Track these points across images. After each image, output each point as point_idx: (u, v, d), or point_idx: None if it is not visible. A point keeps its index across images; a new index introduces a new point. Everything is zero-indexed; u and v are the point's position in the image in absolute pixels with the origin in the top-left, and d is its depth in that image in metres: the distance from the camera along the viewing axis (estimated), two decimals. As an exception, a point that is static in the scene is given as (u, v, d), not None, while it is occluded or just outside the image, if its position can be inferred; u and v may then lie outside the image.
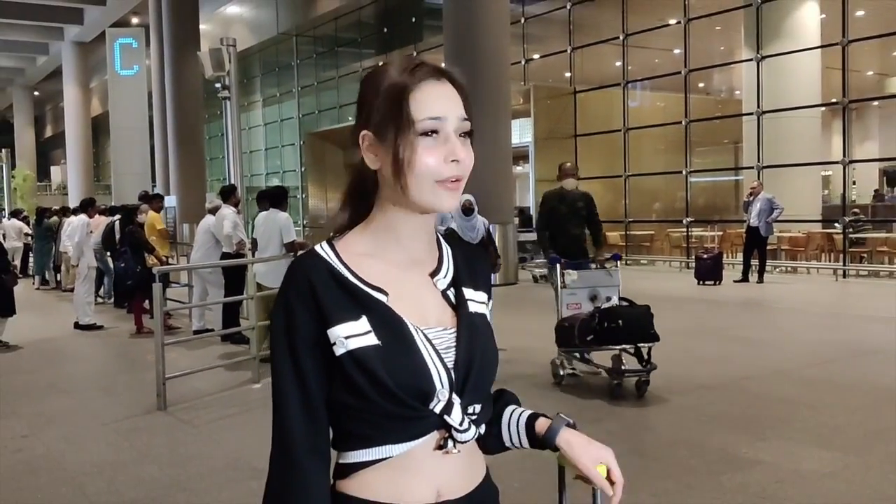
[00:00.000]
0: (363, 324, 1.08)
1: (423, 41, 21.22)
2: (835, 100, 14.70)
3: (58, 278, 14.75)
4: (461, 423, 1.10)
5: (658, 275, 14.20)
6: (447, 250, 1.22)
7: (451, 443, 1.11)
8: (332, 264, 1.12)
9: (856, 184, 21.81)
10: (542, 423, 1.22)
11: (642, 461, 4.17)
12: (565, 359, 5.92)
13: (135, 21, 28.56)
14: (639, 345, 5.40)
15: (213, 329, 8.38)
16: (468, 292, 1.19)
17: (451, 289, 1.19)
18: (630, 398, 5.41)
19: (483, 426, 1.17)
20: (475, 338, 1.15)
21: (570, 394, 5.69)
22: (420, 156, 1.08)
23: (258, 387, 6.11)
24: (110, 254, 10.84)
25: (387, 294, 1.12)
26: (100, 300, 11.74)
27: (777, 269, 14.07)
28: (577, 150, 17.24)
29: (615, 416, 5.14)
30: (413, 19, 22.16)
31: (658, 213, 18.12)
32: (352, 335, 1.07)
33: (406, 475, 1.10)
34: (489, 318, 1.22)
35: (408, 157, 1.08)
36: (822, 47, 14.67)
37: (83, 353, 8.42)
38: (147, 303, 8.76)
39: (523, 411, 1.26)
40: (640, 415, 5.15)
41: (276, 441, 1.11)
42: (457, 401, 1.10)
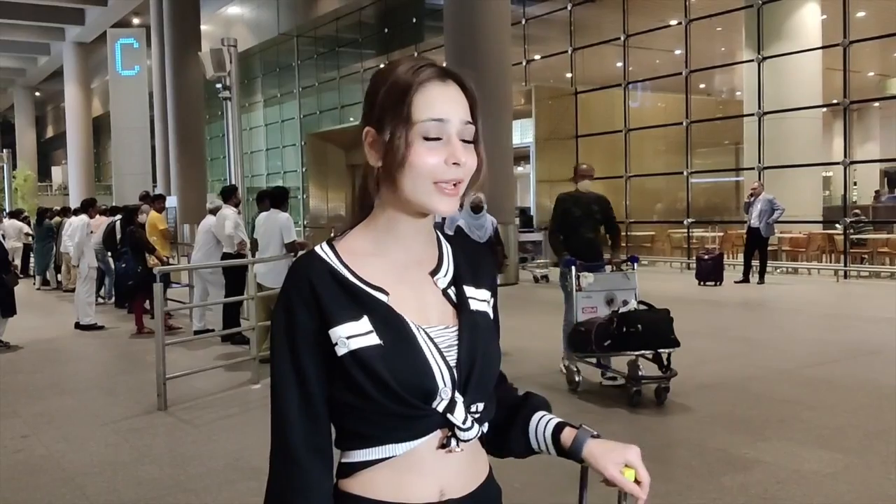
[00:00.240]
0: (364, 324, 1.08)
1: (423, 42, 21.22)
2: (836, 101, 14.69)
3: (58, 279, 14.77)
4: (464, 422, 1.10)
5: (659, 275, 14.17)
6: (447, 249, 1.22)
7: (454, 441, 1.10)
8: (333, 265, 1.12)
9: (857, 185, 21.80)
10: (567, 435, 1.20)
11: (643, 461, 4.16)
12: (578, 364, 5.77)
13: (136, 21, 28.61)
14: (659, 350, 5.25)
15: (213, 329, 8.38)
16: (469, 290, 1.18)
17: (452, 287, 1.18)
18: (630, 404, 5.28)
19: (486, 425, 1.17)
20: (477, 336, 1.15)
21: (572, 396, 5.68)
22: (421, 155, 1.07)
23: (258, 387, 6.11)
24: (111, 254, 10.85)
25: (387, 294, 1.11)
26: (100, 300, 11.73)
27: (778, 270, 14.06)
28: (578, 150, 17.25)
29: (615, 417, 5.14)
30: (414, 20, 22.15)
31: (659, 214, 18.11)
32: (353, 335, 1.07)
33: (409, 474, 1.10)
34: (493, 316, 1.22)
35: (406, 155, 1.07)
36: (823, 48, 14.67)
37: (84, 353, 8.42)
38: (148, 303, 8.77)
39: (550, 419, 1.24)
40: (640, 415, 5.14)
41: (276, 440, 1.11)
42: (459, 399, 1.10)
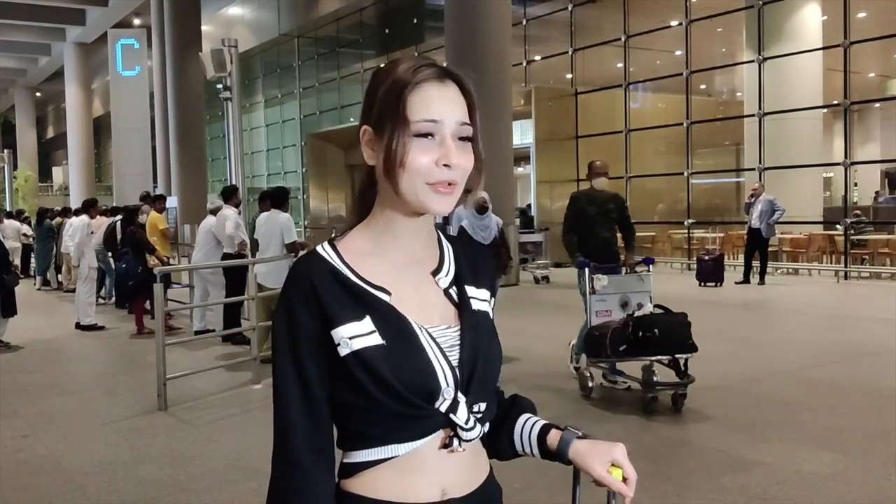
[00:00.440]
0: (367, 324, 1.08)
1: (424, 42, 21.22)
2: (836, 101, 14.68)
3: (59, 279, 14.77)
4: (467, 422, 1.10)
5: (659, 276, 14.07)
6: (448, 248, 1.22)
7: (456, 441, 1.10)
8: (334, 265, 1.12)
9: (857, 185, 21.80)
10: (553, 437, 1.21)
11: (643, 463, 4.15)
12: (592, 369, 5.61)
13: (137, 22, 28.64)
14: (676, 356, 5.09)
15: (214, 330, 8.38)
16: (470, 290, 1.18)
17: (454, 287, 1.18)
18: (630, 404, 5.30)
19: (488, 424, 1.17)
20: (479, 336, 1.15)
21: (573, 398, 5.68)
22: (413, 155, 1.07)
23: (259, 387, 6.12)
24: (112, 254, 10.85)
25: (389, 293, 1.11)
26: (101, 301, 11.74)
27: (778, 271, 14.05)
28: (578, 151, 17.25)
29: (616, 417, 5.14)
30: (415, 20, 22.15)
31: (659, 215, 18.09)
32: (356, 335, 1.07)
33: (411, 474, 1.10)
34: (491, 316, 1.22)
35: (400, 155, 1.07)
36: (823, 49, 14.67)
37: (84, 353, 8.42)
38: (148, 303, 8.77)
39: (536, 422, 1.24)
40: (640, 416, 5.13)
41: (278, 441, 1.11)
42: (462, 399, 1.10)
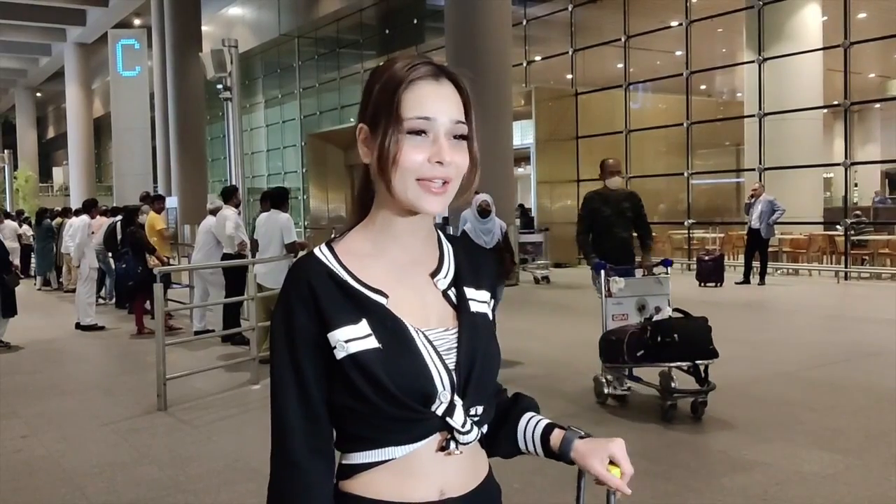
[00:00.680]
0: (363, 327, 1.08)
1: (424, 43, 21.23)
2: (836, 102, 14.68)
3: (59, 279, 14.77)
4: (463, 425, 1.10)
5: (659, 277, 14.15)
6: (448, 249, 1.22)
7: (453, 444, 1.10)
8: (331, 267, 1.12)
9: (857, 186, 21.79)
10: (556, 437, 1.21)
11: (643, 463, 4.16)
12: (609, 375, 5.39)
13: (137, 22, 28.64)
14: (696, 362, 4.89)
15: (213, 330, 8.38)
16: (470, 292, 1.18)
17: (453, 289, 1.18)
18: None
19: (485, 427, 1.16)
20: (477, 338, 1.14)
21: (573, 399, 5.68)
22: (405, 152, 1.07)
23: (258, 388, 6.11)
24: (112, 255, 10.86)
25: (386, 296, 1.11)
26: (101, 301, 11.74)
27: (778, 272, 14.05)
28: (578, 151, 17.25)
29: (616, 418, 5.14)
30: (415, 21, 22.17)
31: (660, 215, 18.07)
32: (352, 339, 1.07)
33: (409, 476, 1.10)
34: (491, 318, 1.21)
35: (393, 152, 1.07)
36: (823, 49, 14.66)
37: (84, 353, 8.42)
38: (148, 303, 8.77)
39: (539, 421, 1.24)
40: (640, 417, 5.13)
41: (276, 442, 1.11)
42: (459, 402, 1.09)
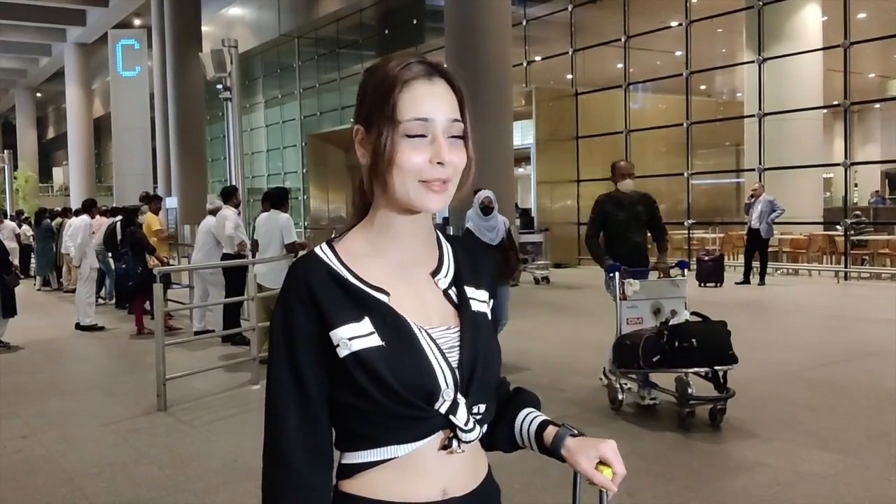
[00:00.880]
0: (366, 325, 1.07)
1: (424, 43, 21.21)
2: (836, 102, 14.67)
3: (59, 279, 14.76)
4: (466, 423, 1.09)
5: (659, 277, 14.14)
6: (447, 249, 1.22)
7: (455, 442, 1.10)
8: (332, 266, 1.11)
9: (857, 186, 21.80)
10: (549, 434, 1.20)
11: (643, 463, 4.16)
12: (627, 382, 5.19)
13: (137, 22, 28.63)
14: (715, 367, 4.72)
15: (213, 330, 8.38)
16: (470, 291, 1.18)
17: (453, 288, 1.18)
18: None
19: (486, 425, 1.16)
20: (478, 337, 1.14)
21: (573, 400, 5.68)
22: (405, 155, 1.07)
23: (257, 388, 6.11)
24: (112, 255, 10.85)
25: (388, 294, 1.11)
26: (101, 301, 11.74)
27: (778, 272, 14.04)
28: (578, 152, 17.24)
29: (616, 418, 5.13)
30: (415, 21, 22.16)
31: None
32: (355, 336, 1.06)
33: (411, 475, 1.10)
34: (490, 318, 1.21)
35: (389, 154, 1.07)
36: (823, 49, 14.66)
37: (84, 353, 8.41)
38: (148, 304, 8.76)
39: (535, 417, 1.24)
40: (640, 417, 5.13)
41: (269, 442, 1.11)
42: (462, 401, 1.09)
